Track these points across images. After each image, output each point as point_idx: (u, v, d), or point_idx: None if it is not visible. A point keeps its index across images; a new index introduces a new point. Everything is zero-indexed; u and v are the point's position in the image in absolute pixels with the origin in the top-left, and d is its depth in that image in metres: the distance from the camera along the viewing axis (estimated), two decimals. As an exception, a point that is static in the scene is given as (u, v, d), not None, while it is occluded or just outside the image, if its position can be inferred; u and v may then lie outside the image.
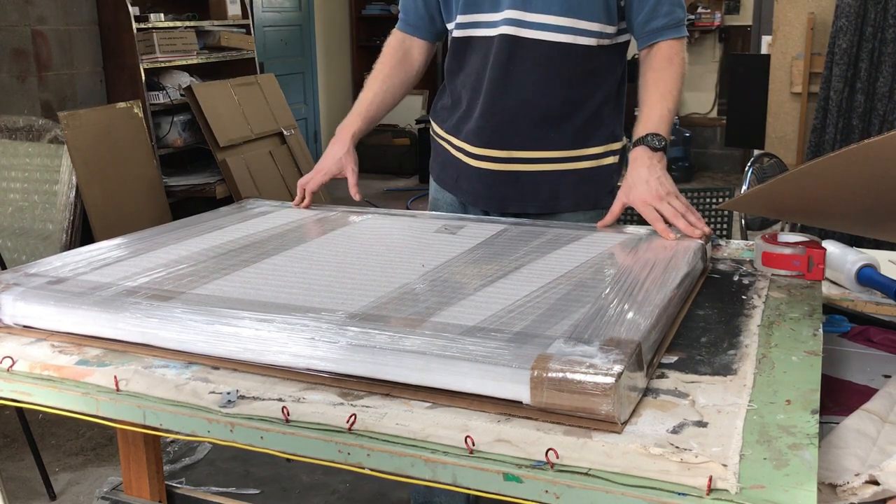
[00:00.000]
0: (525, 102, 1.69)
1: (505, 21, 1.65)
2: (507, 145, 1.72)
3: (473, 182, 1.79)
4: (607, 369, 0.90)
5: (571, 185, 1.75)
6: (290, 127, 5.50)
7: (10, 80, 4.38)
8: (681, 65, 1.66)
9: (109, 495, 1.78)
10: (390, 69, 1.86)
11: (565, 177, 1.75)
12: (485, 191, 1.78)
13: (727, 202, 1.51)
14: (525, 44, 1.65)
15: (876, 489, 0.88)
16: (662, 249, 1.39)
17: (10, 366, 1.12)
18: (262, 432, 0.95)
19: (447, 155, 1.85)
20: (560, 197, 1.76)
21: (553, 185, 1.75)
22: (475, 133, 1.75)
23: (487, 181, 1.76)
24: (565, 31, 1.65)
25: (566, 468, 0.84)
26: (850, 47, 3.73)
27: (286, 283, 1.26)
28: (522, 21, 1.64)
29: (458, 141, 1.80)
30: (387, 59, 1.87)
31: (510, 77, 1.68)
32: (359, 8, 7.87)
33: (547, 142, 1.72)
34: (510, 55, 1.67)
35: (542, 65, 1.67)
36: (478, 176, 1.77)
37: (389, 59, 1.87)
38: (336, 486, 2.59)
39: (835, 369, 1.29)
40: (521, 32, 1.65)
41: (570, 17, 1.64)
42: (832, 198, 1.30)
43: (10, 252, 3.89)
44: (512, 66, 1.68)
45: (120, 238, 1.56)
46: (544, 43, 1.65)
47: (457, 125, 1.81)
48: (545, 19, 1.64)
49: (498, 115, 1.71)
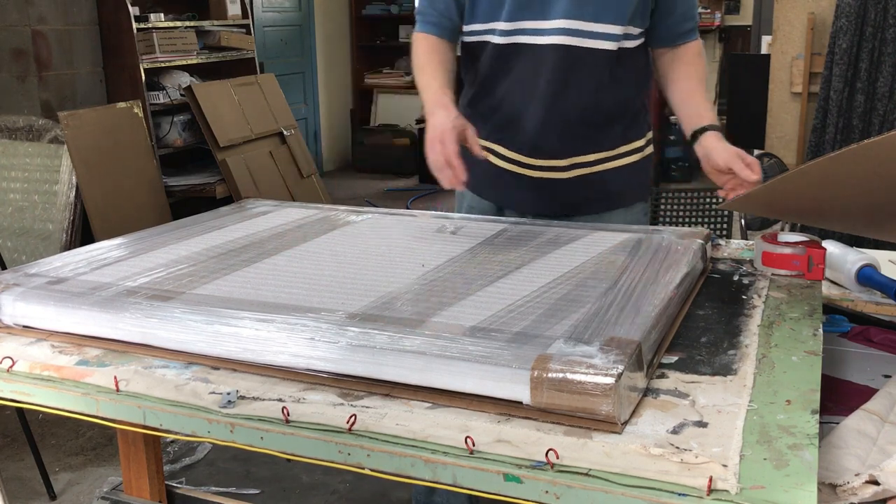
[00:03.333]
0: (584, 108, 1.69)
1: (559, 31, 1.63)
2: (568, 153, 1.72)
3: (532, 192, 1.76)
4: (607, 369, 0.90)
5: (624, 180, 1.77)
6: (290, 127, 5.50)
7: (10, 80, 4.38)
8: (704, 63, 1.76)
9: (109, 495, 1.78)
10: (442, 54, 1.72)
11: (620, 173, 1.77)
12: (547, 200, 1.76)
13: (727, 202, 1.51)
14: (582, 53, 1.64)
15: (876, 489, 0.88)
16: (662, 249, 1.39)
17: (10, 366, 1.12)
18: (262, 432, 0.95)
19: (488, 164, 1.75)
20: (619, 193, 1.78)
21: (611, 182, 1.76)
22: (533, 145, 1.72)
23: (550, 190, 1.75)
24: (619, 38, 1.65)
25: (566, 468, 0.84)
26: (850, 47, 3.73)
27: (286, 283, 1.26)
28: (579, 31, 1.63)
29: (509, 152, 1.75)
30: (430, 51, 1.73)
31: (567, 86, 1.67)
32: (359, 8, 7.87)
33: (602, 142, 1.74)
34: (568, 65, 1.65)
35: (597, 71, 1.66)
36: (538, 186, 1.75)
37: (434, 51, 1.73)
38: (336, 486, 2.59)
39: (835, 369, 1.29)
40: (578, 42, 1.63)
41: (622, 24, 1.64)
42: (832, 198, 1.30)
43: (10, 252, 3.89)
44: (569, 76, 1.66)
45: (120, 238, 1.56)
46: (600, 51, 1.65)
47: (501, 132, 1.76)
48: (601, 28, 1.63)
49: (557, 124, 1.69)
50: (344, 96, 7.91)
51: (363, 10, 7.88)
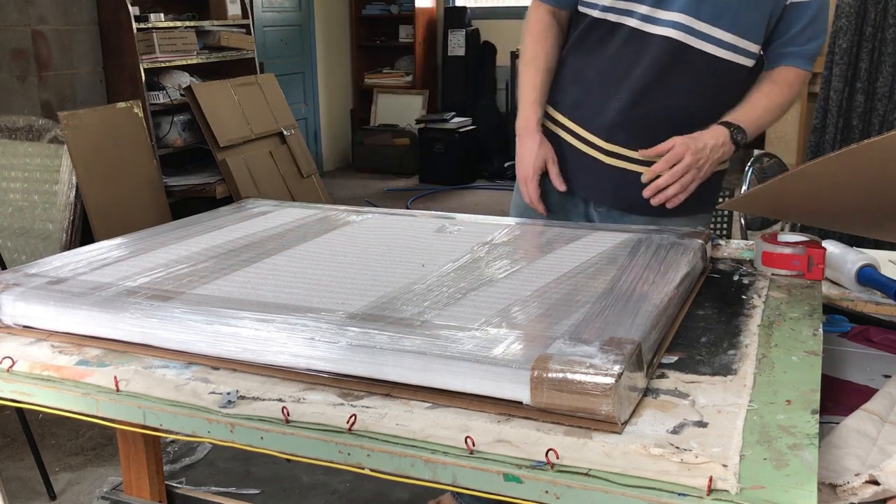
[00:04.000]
0: (671, 108, 1.67)
1: (675, 24, 1.61)
2: (643, 147, 1.68)
3: (601, 178, 1.74)
4: (607, 369, 0.90)
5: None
6: (290, 127, 5.50)
7: (10, 80, 4.38)
8: (795, 94, 1.68)
9: (109, 495, 1.78)
10: (549, 48, 1.77)
11: None
12: (612, 189, 1.74)
13: (727, 202, 1.51)
14: (690, 52, 1.62)
15: (876, 489, 0.88)
16: (662, 249, 1.39)
17: (10, 366, 1.12)
18: (262, 432, 0.95)
19: (561, 141, 1.78)
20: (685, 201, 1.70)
21: None
22: (610, 129, 1.70)
23: (618, 180, 1.72)
24: (729, 47, 1.63)
25: (566, 468, 0.84)
26: (850, 47, 3.73)
27: (286, 283, 1.26)
28: (693, 29, 1.61)
29: (585, 132, 1.74)
30: (541, 38, 1.77)
31: (664, 81, 1.65)
32: (359, 8, 7.87)
33: None
34: (673, 61, 1.63)
35: (699, 76, 1.64)
36: (607, 173, 1.73)
37: (544, 38, 1.77)
38: (336, 486, 2.59)
39: (835, 369, 1.29)
40: (690, 41, 1.61)
41: (735, 33, 1.62)
42: (832, 198, 1.30)
43: (10, 252, 3.89)
44: (670, 71, 1.64)
45: (120, 238, 1.56)
46: (708, 56, 1.62)
47: (578, 111, 1.75)
48: (714, 32, 1.61)
49: (641, 115, 1.67)
50: (344, 96, 7.91)
51: (363, 10, 7.88)
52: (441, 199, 6.60)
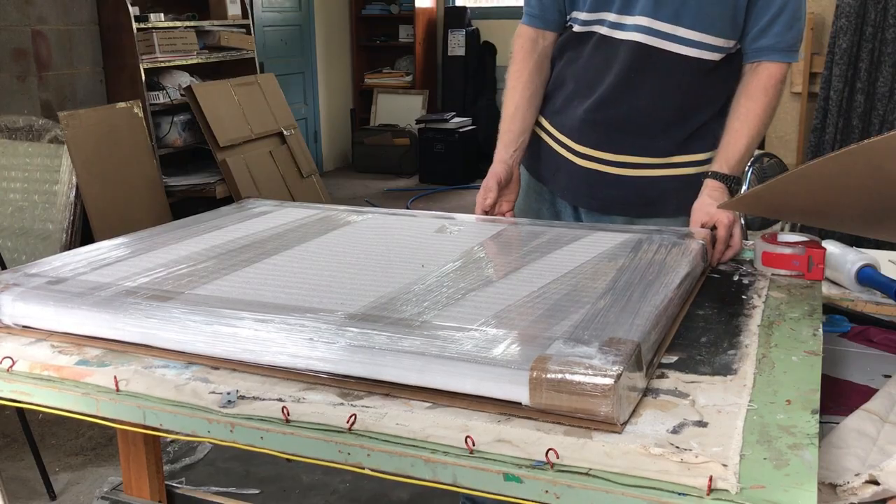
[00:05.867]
0: (639, 109, 1.68)
1: (638, 28, 1.62)
2: (614, 149, 1.71)
3: (574, 179, 1.77)
4: (606, 370, 0.90)
5: (674, 189, 1.73)
6: (290, 127, 5.50)
7: (10, 80, 4.38)
8: (775, 96, 1.65)
9: (109, 495, 1.78)
10: (529, 74, 1.79)
11: (669, 182, 1.73)
12: (586, 190, 1.77)
13: (727, 202, 1.51)
14: (655, 53, 1.63)
15: (876, 489, 0.88)
16: (662, 249, 1.39)
17: (10, 366, 1.12)
18: (262, 432, 0.95)
19: (543, 144, 1.82)
20: (663, 202, 1.74)
21: (656, 189, 1.73)
22: (580, 130, 1.73)
23: (590, 181, 1.75)
24: (694, 44, 1.62)
25: (566, 468, 0.84)
26: (850, 47, 3.73)
27: (286, 283, 1.26)
28: (655, 30, 1.61)
29: (560, 134, 1.78)
30: (524, 63, 1.79)
31: (630, 83, 1.66)
32: (359, 8, 7.87)
33: (653, 147, 1.71)
34: (638, 63, 1.64)
35: (665, 75, 1.65)
36: (580, 174, 1.76)
37: (526, 62, 1.79)
38: (336, 486, 2.59)
39: (835, 369, 1.29)
40: (654, 42, 1.62)
41: (698, 30, 1.61)
42: (832, 198, 1.30)
43: (10, 252, 3.89)
44: (638, 74, 1.65)
45: (120, 238, 1.56)
46: (673, 55, 1.63)
47: (558, 116, 1.79)
48: (676, 31, 1.61)
49: (609, 117, 1.69)
50: (344, 96, 7.91)
51: (363, 10, 7.88)
52: (441, 199, 6.60)
